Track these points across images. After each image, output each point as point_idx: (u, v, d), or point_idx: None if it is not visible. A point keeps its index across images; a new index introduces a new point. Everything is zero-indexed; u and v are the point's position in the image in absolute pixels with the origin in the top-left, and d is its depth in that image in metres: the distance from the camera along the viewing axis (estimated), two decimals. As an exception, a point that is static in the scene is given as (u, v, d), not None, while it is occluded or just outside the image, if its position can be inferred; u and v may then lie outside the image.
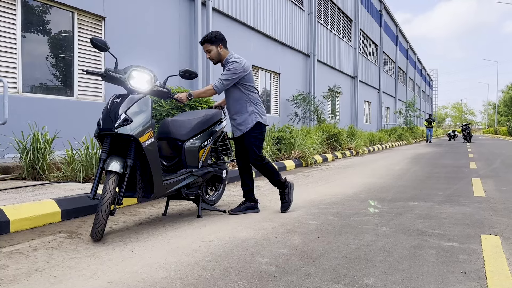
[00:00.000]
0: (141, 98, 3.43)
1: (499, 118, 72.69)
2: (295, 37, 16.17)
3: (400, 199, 5.10)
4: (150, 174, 3.41)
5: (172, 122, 4.00)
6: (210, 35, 4.07)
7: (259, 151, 4.15)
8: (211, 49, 4.07)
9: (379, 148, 18.12)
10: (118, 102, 3.33)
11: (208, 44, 4.07)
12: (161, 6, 9.24)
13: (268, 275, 2.43)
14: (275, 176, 4.27)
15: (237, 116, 4.14)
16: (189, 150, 3.92)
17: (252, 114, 4.10)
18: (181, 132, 3.93)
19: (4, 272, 2.49)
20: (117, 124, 3.20)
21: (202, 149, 4.06)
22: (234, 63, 4.00)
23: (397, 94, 36.62)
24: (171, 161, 3.95)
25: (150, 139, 3.36)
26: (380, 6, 31.03)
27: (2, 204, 3.66)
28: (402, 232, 3.44)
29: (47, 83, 7.10)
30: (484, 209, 4.44)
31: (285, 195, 4.31)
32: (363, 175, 7.73)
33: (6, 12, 6.38)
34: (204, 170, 4.08)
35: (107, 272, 2.49)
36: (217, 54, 4.09)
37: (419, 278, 2.40)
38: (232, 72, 3.97)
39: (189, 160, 3.93)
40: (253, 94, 4.15)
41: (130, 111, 3.28)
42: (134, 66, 3.55)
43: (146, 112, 3.40)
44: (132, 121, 3.25)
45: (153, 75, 3.63)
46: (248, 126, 4.10)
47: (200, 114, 4.23)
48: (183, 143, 3.92)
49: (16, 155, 5.79)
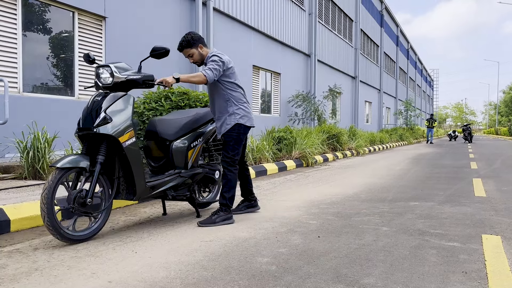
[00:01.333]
0: (122, 96, 3.33)
1: (500, 118, 72.64)
2: (295, 37, 16.16)
3: (400, 199, 5.09)
4: (133, 175, 3.32)
5: (159, 121, 3.88)
6: (186, 39, 3.79)
7: (232, 152, 3.83)
8: (192, 53, 3.82)
9: (380, 149, 18.11)
10: (98, 100, 3.25)
11: (188, 49, 3.81)
12: (161, 6, 9.24)
13: (268, 275, 2.43)
14: (227, 191, 3.80)
15: (220, 116, 3.90)
16: (177, 150, 3.80)
17: (232, 115, 3.83)
18: (168, 132, 3.80)
19: (5, 271, 2.49)
20: (96, 123, 3.12)
21: (192, 149, 3.92)
22: (214, 56, 3.73)
23: (397, 94, 36.60)
24: (159, 161, 3.84)
25: (131, 139, 3.27)
26: (381, 6, 31.01)
27: (3, 203, 3.66)
28: (402, 232, 3.44)
29: (48, 83, 7.10)
30: (485, 209, 4.44)
31: (217, 213, 3.75)
32: (364, 175, 7.73)
33: (7, 11, 6.38)
34: (193, 171, 3.93)
35: (107, 271, 2.49)
36: (200, 55, 3.85)
37: (419, 278, 2.39)
38: (217, 62, 3.69)
39: (177, 160, 3.81)
40: (234, 93, 3.87)
41: (110, 110, 3.20)
42: (99, 66, 3.38)
43: (127, 110, 3.31)
44: (112, 120, 3.17)
45: (121, 66, 3.39)
46: (226, 127, 3.83)
47: (190, 113, 4.10)
48: (171, 143, 3.79)
49: (16, 154, 5.79)
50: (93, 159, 3.21)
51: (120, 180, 3.42)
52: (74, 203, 3.07)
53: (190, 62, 3.93)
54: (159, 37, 9.16)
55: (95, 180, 3.15)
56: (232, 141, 3.85)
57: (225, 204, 3.80)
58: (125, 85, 3.40)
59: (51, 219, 2.91)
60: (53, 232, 2.95)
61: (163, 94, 6.08)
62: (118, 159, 3.34)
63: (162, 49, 3.48)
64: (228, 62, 3.83)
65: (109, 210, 3.36)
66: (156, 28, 9.07)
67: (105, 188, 3.35)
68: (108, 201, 3.34)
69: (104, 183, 3.34)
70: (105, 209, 3.31)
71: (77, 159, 3.08)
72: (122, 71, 3.38)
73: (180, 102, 5.99)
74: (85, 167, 3.10)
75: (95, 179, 3.15)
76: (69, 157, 3.06)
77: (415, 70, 48.96)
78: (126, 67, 3.45)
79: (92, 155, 3.24)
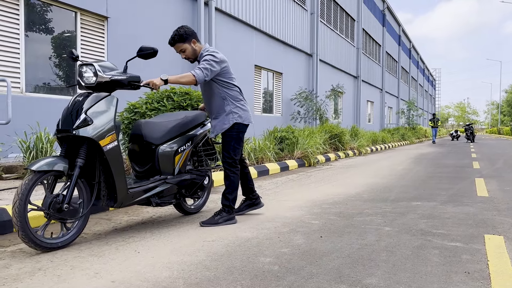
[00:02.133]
0: (105, 97, 3.16)
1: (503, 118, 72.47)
2: (297, 36, 16.15)
3: (403, 199, 5.09)
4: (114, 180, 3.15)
5: (145, 124, 3.70)
6: (179, 33, 3.62)
7: (233, 152, 3.78)
8: (185, 48, 3.66)
9: (382, 148, 18.09)
10: (79, 100, 3.08)
11: (180, 44, 3.65)
12: (163, 6, 9.25)
13: (271, 275, 2.43)
14: (230, 193, 3.78)
15: (216, 116, 3.81)
16: (163, 155, 3.62)
17: (230, 114, 3.75)
18: (154, 135, 3.61)
19: (8, 271, 2.50)
20: (76, 124, 2.95)
21: (179, 154, 3.73)
22: (208, 55, 3.59)
23: (400, 94, 36.54)
24: (144, 166, 3.66)
25: (113, 143, 3.10)
26: (383, 5, 30.96)
27: (6, 203, 3.67)
28: (405, 232, 3.43)
29: (50, 83, 7.12)
30: (487, 209, 4.43)
31: (219, 214, 3.75)
32: (366, 175, 7.72)
33: (9, 12, 6.39)
34: (180, 178, 3.75)
35: (110, 271, 2.49)
36: (193, 51, 3.69)
37: (422, 278, 2.39)
38: (209, 62, 3.55)
39: (163, 166, 3.63)
40: (231, 92, 3.77)
41: (91, 111, 3.03)
42: (82, 64, 3.22)
43: (110, 112, 3.14)
44: (93, 122, 3.01)
45: (106, 65, 3.25)
46: (224, 127, 3.75)
47: (179, 115, 3.93)
48: (157, 147, 3.61)
49: (19, 154, 5.80)
50: (72, 162, 3.04)
51: (100, 186, 3.21)
52: (49, 209, 2.90)
53: (182, 58, 3.76)
54: (161, 37, 9.15)
55: (73, 185, 2.97)
56: (232, 141, 3.78)
57: (228, 205, 3.77)
58: (109, 86, 3.23)
59: (24, 230, 2.74)
60: (28, 243, 2.79)
61: (165, 94, 6.09)
62: (99, 163, 3.15)
63: (150, 49, 3.30)
64: (224, 59, 3.70)
65: (87, 218, 3.17)
66: (158, 28, 9.08)
67: (84, 193, 3.14)
68: (86, 207, 3.13)
69: (83, 188, 3.14)
70: (83, 216, 3.11)
71: (54, 162, 2.91)
72: (106, 70, 3.21)
73: (182, 102, 6.00)
74: (62, 171, 2.93)
75: (73, 183, 2.96)
76: (46, 159, 2.90)
77: (417, 69, 48.86)
78: (112, 66, 3.30)
79: (71, 158, 3.07)
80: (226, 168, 3.80)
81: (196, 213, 4.22)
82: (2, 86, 6.23)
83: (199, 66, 3.53)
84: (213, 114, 3.86)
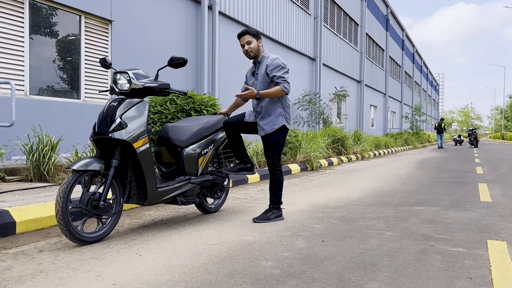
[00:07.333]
0: (138, 102, 3.39)
1: (506, 123, 72.25)
2: (301, 41, 16.18)
3: (405, 203, 5.07)
4: (145, 180, 3.37)
5: (172, 127, 3.93)
6: (251, 29, 4.01)
7: (278, 155, 4.06)
8: (251, 41, 3.96)
9: (385, 153, 18.05)
10: (114, 106, 3.29)
11: (249, 36, 3.96)
12: (167, 10, 9.29)
13: (272, 279, 2.42)
14: (278, 189, 4.09)
15: (265, 115, 4.00)
16: (188, 157, 3.84)
17: (280, 116, 3.99)
18: (180, 138, 3.84)
19: (10, 273, 2.50)
20: (112, 128, 3.17)
21: (202, 156, 3.97)
22: (278, 59, 3.93)
23: (403, 99, 36.51)
24: (170, 167, 3.89)
25: (145, 145, 3.32)
26: (386, 10, 31.00)
27: (8, 205, 3.68)
28: (407, 237, 3.42)
29: (54, 85, 7.16)
30: (490, 214, 4.41)
31: (271, 211, 4.06)
32: (369, 180, 7.70)
33: (14, 15, 6.44)
34: (203, 178, 3.98)
35: (111, 274, 2.49)
36: (257, 48, 3.99)
37: (424, 283, 2.38)
38: (285, 71, 3.91)
39: (188, 167, 3.85)
40: (285, 97, 4.05)
41: (125, 116, 3.25)
42: (117, 72, 3.44)
43: (142, 117, 3.36)
44: (127, 125, 3.22)
45: (138, 73, 3.47)
46: (274, 127, 3.98)
47: (202, 120, 4.16)
48: (182, 149, 3.83)
49: (22, 157, 5.83)
50: (106, 162, 3.26)
51: (131, 185, 3.45)
52: (87, 205, 3.11)
53: (244, 49, 3.98)
54: (165, 41, 9.20)
55: (109, 183, 3.20)
56: (278, 145, 4.03)
57: (277, 201, 4.08)
58: (141, 92, 3.47)
59: (63, 214, 2.93)
60: (63, 228, 2.96)
61: (168, 97, 6.10)
62: (131, 163, 3.37)
63: (180, 59, 3.54)
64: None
65: (119, 214, 3.38)
66: (161, 32, 9.12)
67: (117, 191, 3.37)
68: (119, 204, 3.36)
69: (117, 186, 3.37)
70: (116, 212, 3.33)
71: (91, 162, 3.11)
72: (140, 77, 3.46)
73: (185, 105, 6.02)
74: (99, 170, 3.14)
75: (109, 182, 3.19)
76: (85, 160, 3.10)
77: (420, 74, 48.82)
78: (144, 74, 3.53)
79: (106, 159, 3.28)
80: (273, 169, 4.05)
81: (215, 211, 4.42)
82: (6, 88, 6.27)
83: (282, 77, 3.87)
84: (261, 114, 4.03)
